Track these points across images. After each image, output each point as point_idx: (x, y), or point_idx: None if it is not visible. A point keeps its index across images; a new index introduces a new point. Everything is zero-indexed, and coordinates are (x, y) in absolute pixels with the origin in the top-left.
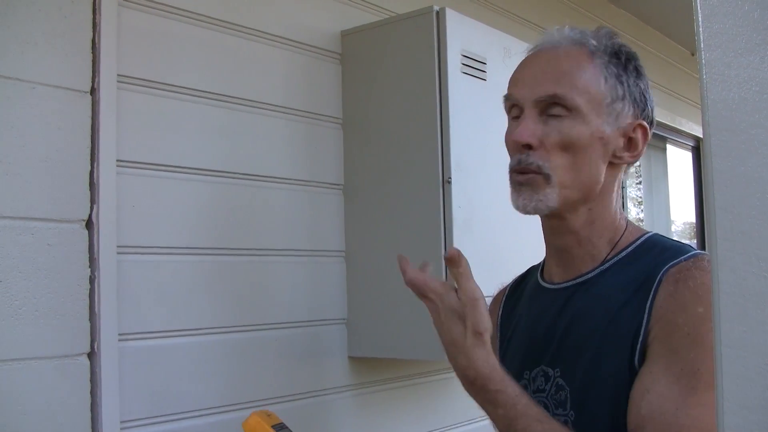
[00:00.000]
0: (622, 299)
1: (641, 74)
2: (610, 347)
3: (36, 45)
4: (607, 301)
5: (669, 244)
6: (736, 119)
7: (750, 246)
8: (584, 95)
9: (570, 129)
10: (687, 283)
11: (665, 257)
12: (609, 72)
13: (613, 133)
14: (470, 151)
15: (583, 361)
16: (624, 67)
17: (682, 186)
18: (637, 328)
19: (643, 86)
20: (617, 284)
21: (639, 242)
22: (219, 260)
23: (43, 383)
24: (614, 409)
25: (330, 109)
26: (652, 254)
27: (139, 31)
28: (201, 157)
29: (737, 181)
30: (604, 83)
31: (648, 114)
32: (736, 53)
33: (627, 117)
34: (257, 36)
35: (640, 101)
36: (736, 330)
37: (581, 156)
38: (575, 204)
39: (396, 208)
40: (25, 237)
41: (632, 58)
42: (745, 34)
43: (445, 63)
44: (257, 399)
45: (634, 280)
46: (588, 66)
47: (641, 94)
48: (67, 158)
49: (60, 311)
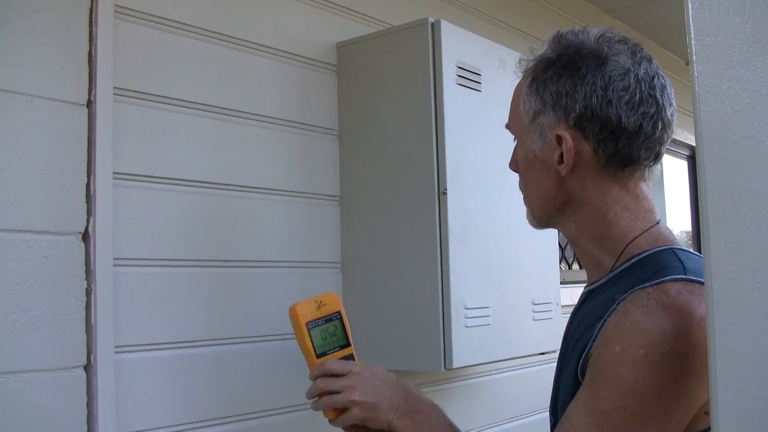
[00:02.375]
0: (599, 314)
1: (580, 73)
2: (572, 362)
3: (32, 58)
4: (591, 313)
5: (663, 264)
6: (729, 131)
7: (743, 257)
8: (515, 120)
9: (516, 154)
10: (624, 317)
11: (641, 279)
12: (531, 89)
13: (543, 149)
14: (466, 162)
15: (560, 369)
16: (557, 74)
17: (678, 195)
18: (584, 347)
19: (569, 87)
20: (606, 297)
21: (641, 256)
22: (215, 272)
23: (39, 396)
24: None
25: (326, 121)
26: (639, 273)
27: (135, 44)
28: (197, 169)
29: (730, 193)
30: (526, 102)
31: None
32: (728, 66)
33: (550, 128)
34: (253, 48)
35: (561, 105)
36: (730, 340)
37: (528, 176)
38: (549, 219)
39: (392, 220)
40: (22, 249)
41: (582, 57)
42: (736, 47)
43: (441, 74)
44: (256, 410)
45: (608, 300)
46: (520, 91)
47: (566, 95)
48: (63, 171)
49: (56, 324)
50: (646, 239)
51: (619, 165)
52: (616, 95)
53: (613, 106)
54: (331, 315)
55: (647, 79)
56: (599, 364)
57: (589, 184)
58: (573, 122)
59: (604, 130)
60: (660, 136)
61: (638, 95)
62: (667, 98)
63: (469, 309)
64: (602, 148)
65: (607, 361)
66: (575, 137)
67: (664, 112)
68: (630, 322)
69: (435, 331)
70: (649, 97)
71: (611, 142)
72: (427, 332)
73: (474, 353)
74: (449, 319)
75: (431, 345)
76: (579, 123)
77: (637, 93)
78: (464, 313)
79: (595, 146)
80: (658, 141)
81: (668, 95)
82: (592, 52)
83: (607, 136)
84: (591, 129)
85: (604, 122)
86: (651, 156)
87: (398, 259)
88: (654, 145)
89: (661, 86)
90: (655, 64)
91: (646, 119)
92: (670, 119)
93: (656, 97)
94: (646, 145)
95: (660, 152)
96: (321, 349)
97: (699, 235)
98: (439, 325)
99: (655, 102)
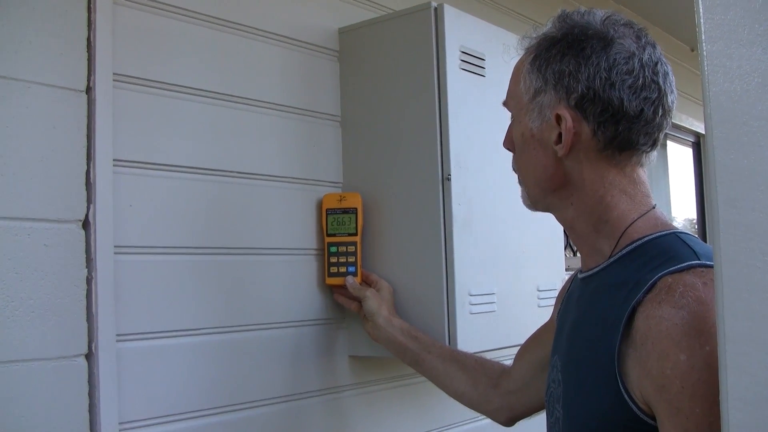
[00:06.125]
0: (607, 303)
1: (584, 53)
2: (592, 363)
3: (30, 44)
4: (596, 304)
5: (672, 250)
6: (739, 111)
7: (754, 240)
8: (514, 97)
9: (512, 132)
10: (667, 322)
11: (650, 267)
12: (533, 66)
13: (540, 128)
14: (470, 148)
15: (575, 361)
16: (561, 53)
17: (683, 182)
18: (610, 347)
19: (573, 67)
20: (608, 285)
21: (642, 241)
22: (218, 260)
23: (40, 385)
24: (599, 425)
25: (328, 107)
26: (645, 260)
27: (134, 29)
28: (198, 156)
29: (740, 174)
30: (527, 79)
31: (577, 96)
32: (738, 45)
33: (550, 107)
34: (254, 33)
35: (563, 84)
36: (741, 325)
37: (523, 155)
38: (545, 199)
39: (395, 206)
40: (21, 238)
41: (587, 37)
42: (746, 25)
43: (444, 59)
44: (259, 399)
45: (616, 286)
46: (521, 68)
47: (569, 75)
48: (62, 158)
49: (57, 312)
50: (644, 223)
51: (617, 149)
52: (620, 78)
53: (616, 88)
54: (348, 209)
55: (651, 64)
56: (672, 383)
57: (586, 166)
58: (574, 103)
59: (605, 113)
60: (660, 122)
61: (641, 80)
62: (669, 85)
63: (473, 296)
64: (602, 131)
65: (681, 375)
66: (575, 118)
67: (666, 98)
68: (680, 326)
69: (439, 318)
70: (651, 82)
71: (611, 125)
72: (431, 319)
73: (479, 340)
74: (453, 306)
75: (435, 332)
76: (580, 104)
77: (641, 77)
78: (469, 300)
79: (594, 128)
80: (657, 127)
81: (670, 82)
82: (597, 33)
83: (607, 119)
84: (592, 111)
85: (606, 105)
86: (649, 142)
87: (401, 247)
88: (653, 130)
89: (664, 73)
90: (659, 50)
91: (648, 104)
92: (670, 106)
93: (659, 83)
94: (645, 130)
95: (658, 138)
96: (331, 231)
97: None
98: (444, 312)
99: (658, 88)
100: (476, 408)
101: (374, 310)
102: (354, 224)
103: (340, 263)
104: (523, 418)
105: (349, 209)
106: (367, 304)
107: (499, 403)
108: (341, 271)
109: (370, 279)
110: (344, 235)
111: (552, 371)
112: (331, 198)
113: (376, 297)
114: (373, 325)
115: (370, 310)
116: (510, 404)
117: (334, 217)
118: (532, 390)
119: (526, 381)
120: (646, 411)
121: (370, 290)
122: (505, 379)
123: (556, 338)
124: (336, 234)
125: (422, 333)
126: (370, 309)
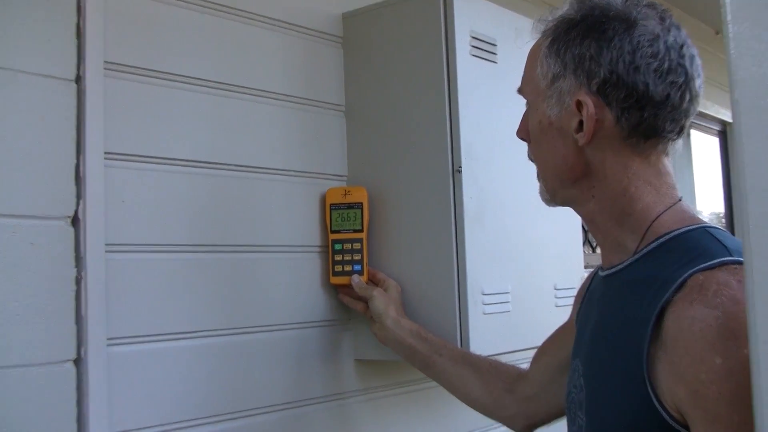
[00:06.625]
0: (633, 302)
1: (606, 36)
2: (617, 367)
3: (17, 31)
4: (623, 301)
5: (702, 246)
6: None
7: None
8: (530, 83)
9: (528, 120)
10: (701, 324)
11: (680, 263)
12: (551, 50)
13: (559, 115)
14: (481, 138)
15: (598, 364)
16: (580, 35)
17: (709, 173)
18: (638, 350)
19: (594, 50)
20: (633, 283)
21: (670, 236)
22: (215, 258)
23: (24, 393)
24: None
25: (331, 96)
26: (674, 256)
27: (127, 16)
28: (195, 149)
29: None
30: (544, 64)
31: (599, 81)
32: (767, 25)
33: (570, 94)
34: (252, 19)
35: (584, 69)
36: None
37: (541, 145)
38: (564, 191)
39: (403, 201)
40: (6, 235)
41: (608, 19)
42: None
43: (453, 45)
44: (259, 406)
45: (642, 283)
46: (538, 52)
47: (590, 59)
48: (51, 151)
49: (44, 315)
50: (671, 217)
51: (642, 136)
52: (644, 61)
53: (640, 72)
54: (353, 204)
55: (676, 47)
56: (708, 389)
57: (609, 155)
58: (596, 88)
59: (629, 98)
60: (687, 108)
61: (667, 63)
62: (696, 68)
63: (486, 295)
64: (625, 117)
65: (717, 380)
66: (597, 104)
67: (693, 82)
68: (714, 327)
69: (451, 318)
70: (678, 65)
71: (636, 111)
72: (442, 320)
73: (492, 342)
74: (465, 306)
75: (447, 334)
76: (602, 89)
77: (666, 61)
78: (481, 299)
79: (618, 115)
80: (684, 113)
81: (697, 66)
82: (619, 14)
83: (631, 105)
84: (615, 96)
85: (630, 90)
86: (676, 129)
87: (410, 242)
88: (680, 117)
89: (691, 56)
90: (684, 33)
91: (674, 89)
92: (698, 91)
93: (685, 66)
94: (672, 116)
95: (684, 125)
96: (335, 227)
97: (732, 215)
98: (455, 313)
99: (684, 71)
100: (491, 415)
101: (381, 311)
102: (359, 220)
103: (345, 261)
104: (541, 426)
105: (354, 204)
106: (374, 304)
107: (515, 409)
108: (346, 270)
109: (377, 278)
110: (349, 231)
111: (573, 375)
112: (335, 192)
113: (384, 297)
114: (381, 327)
115: (378, 311)
116: (527, 411)
117: (339, 213)
118: (551, 395)
119: (544, 385)
120: (677, 419)
121: (377, 290)
122: (522, 384)
123: (577, 340)
124: (340, 230)
125: (432, 334)
126: (378, 309)
